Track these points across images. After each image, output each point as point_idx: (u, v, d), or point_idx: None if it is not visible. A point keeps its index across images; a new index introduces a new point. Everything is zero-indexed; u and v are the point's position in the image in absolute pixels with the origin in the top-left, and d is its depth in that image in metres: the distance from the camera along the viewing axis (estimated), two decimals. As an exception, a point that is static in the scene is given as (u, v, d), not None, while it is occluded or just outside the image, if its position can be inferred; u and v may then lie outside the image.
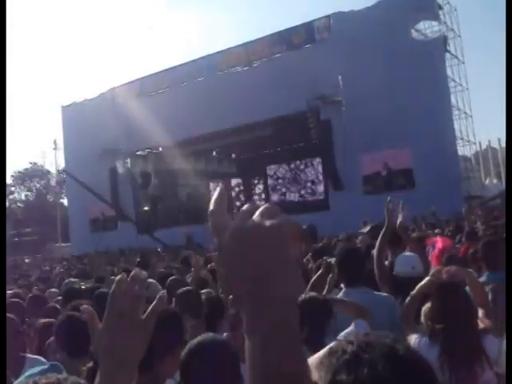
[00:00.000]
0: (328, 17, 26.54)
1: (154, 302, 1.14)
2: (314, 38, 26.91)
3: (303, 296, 3.08)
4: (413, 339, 2.90)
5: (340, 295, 3.63)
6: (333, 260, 4.16)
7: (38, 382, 1.14)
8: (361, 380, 0.88)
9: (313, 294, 3.17)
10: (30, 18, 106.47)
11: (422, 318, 2.95)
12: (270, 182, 35.19)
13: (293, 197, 33.93)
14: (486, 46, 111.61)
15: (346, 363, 0.92)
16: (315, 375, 0.99)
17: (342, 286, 4.09)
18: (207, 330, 3.11)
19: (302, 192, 33.63)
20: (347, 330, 2.95)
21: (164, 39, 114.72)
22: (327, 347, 1.02)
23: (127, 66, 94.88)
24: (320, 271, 4.15)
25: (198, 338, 2.10)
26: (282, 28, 28.92)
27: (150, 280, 5.49)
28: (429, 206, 14.20)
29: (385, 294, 3.78)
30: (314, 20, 27.25)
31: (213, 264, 6.67)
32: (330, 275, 3.99)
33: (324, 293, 3.72)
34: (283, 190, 34.48)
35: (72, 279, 7.59)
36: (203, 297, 4.02)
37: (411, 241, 5.31)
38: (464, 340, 2.72)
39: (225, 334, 3.24)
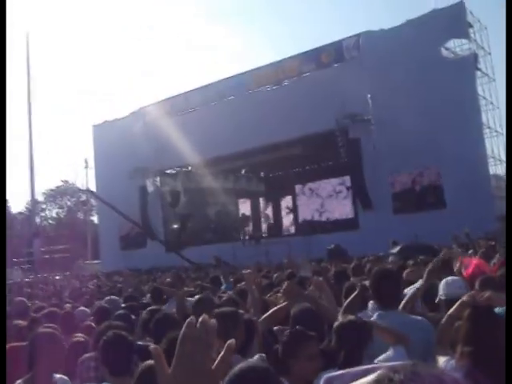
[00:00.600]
0: (357, 36, 26.52)
1: (224, 352, 1.11)
2: (344, 56, 26.90)
3: (341, 319, 3.05)
4: (441, 361, 2.84)
5: (374, 318, 3.58)
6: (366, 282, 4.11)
7: None
8: None
9: (351, 317, 3.13)
10: (64, 39, 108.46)
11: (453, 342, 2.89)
12: (298, 200, 35.07)
13: (321, 216, 33.75)
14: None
15: None
16: None
17: (370, 305, 4.04)
18: (238, 352, 3.09)
19: (331, 211, 33.44)
20: (385, 355, 2.90)
21: (194, 58, 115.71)
22: (373, 375, 1.00)
23: (158, 84, 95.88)
24: (355, 293, 4.08)
25: (243, 365, 2.03)
26: (311, 47, 29.00)
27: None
28: (460, 225, 13.97)
29: (419, 318, 3.69)
30: (343, 39, 27.27)
31: (242, 284, 6.65)
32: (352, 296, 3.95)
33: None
34: (312, 208, 34.32)
35: (113, 297, 7.61)
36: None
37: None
38: (491, 366, 2.65)
39: (256, 356, 3.21)
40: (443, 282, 4.19)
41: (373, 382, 0.97)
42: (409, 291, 4.41)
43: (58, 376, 3.45)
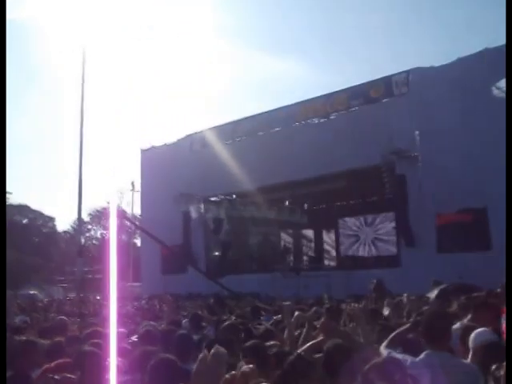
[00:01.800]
0: (407, 72, 26.46)
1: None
2: (393, 92, 26.84)
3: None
4: None
5: (421, 357, 3.57)
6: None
7: None
8: None
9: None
10: (120, 59, 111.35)
11: None
12: (341, 234, 34.81)
13: (364, 251, 33.40)
14: None
15: None
16: None
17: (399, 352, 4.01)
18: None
19: (374, 247, 33.08)
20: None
21: (242, 88, 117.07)
22: None
23: (205, 112, 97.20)
24: (404, 328, 4.07)
25: None
26: (360, 82, 29.04)
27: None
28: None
29: (468, 362, 3.65)
30: (392, 74, 27.23)
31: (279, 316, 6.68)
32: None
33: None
34: (354, 243, 34.01)
35: (152, 322, 7.71)
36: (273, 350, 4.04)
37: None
38: None
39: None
40: (472, 335, 4.09)
41: None
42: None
43: None
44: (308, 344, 4.20)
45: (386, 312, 7.26)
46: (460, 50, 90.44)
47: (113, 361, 3.70)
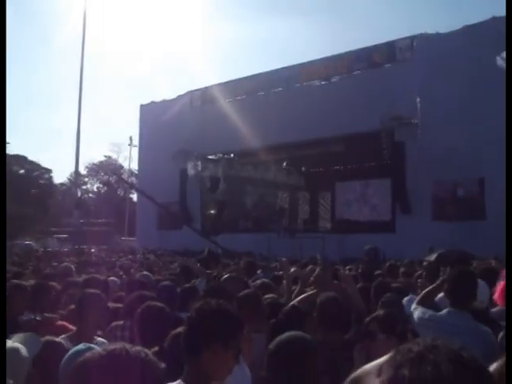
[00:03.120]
0: (412, 37, 26.18)
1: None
2: (396, 57, 26.60)
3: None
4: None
5: (443, 313, 3.63)
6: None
7: (106, 348, 1.26)
8: (423, 377, 0.92)
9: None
10: (120, 16, 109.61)
11: None
12: (337, 198, 34.85)
13: (359, 215, 33.49)
14: None
15: (410, 360, 0.96)
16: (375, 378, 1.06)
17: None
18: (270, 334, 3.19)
19: (369, 211, 33.16)
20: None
21: (245, 47, 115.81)
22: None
23: (207, 69, 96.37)
24: (432, 286, 4.11)
25: (287, 334, 2.18)
26: (363, 45, 28.75)
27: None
28: (499, 239, 13.72)
29: (489, 330, 3.63)
30: (396, 39, 26.96)
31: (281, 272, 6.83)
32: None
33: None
34: (350, 207, 34.08)
35: (146, 272, 7.83)
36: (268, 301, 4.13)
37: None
38: None
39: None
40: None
41: (393, 352, 1.05)
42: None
43: (98, 338, 3.65)
44: (302, 296, 4.28)
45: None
46: (467, 18, 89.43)
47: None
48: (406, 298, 4.98)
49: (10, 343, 2.02)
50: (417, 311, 3.76)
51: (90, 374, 1.16)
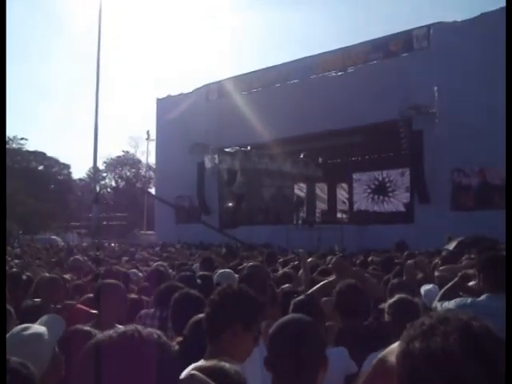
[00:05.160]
0: (428, 26, 25.94)
1: None
2: (413, 46, 26.36)
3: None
4: None
5: (482, 298, 3.64)
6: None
7: (118, 330, 1.28)
8: (431, 348, 0.95)
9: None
10: (136, 12, 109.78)
11: None
12: (354, 189, 34.80)
13: (377, 206, 33.42)
14: None
15: (422, 333, 1.00)
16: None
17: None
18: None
19: (387, 202, 33.08)
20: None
21: (261, 38, 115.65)
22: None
23: (223, 63, 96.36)
24: (455, 280, 4.11)
25: (288, 316, 2.24)
26: (380, 35, 28.55)
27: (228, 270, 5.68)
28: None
29: None
30: (413, 29, 26.71)
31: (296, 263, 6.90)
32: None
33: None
34: (368, 198, 34.01)
35: (163, 262, 7.92)
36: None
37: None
38: None
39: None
40: None
41: (409, 326, 1.08)
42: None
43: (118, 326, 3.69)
44: (321, 283, 4.29)
45: None
46: (484, 5, 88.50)
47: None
48: (426, 287, 4.94)
49: (35, 327, 2.06)
50: (452, 302, 3.75)
51: (102, 354, 1.17)
